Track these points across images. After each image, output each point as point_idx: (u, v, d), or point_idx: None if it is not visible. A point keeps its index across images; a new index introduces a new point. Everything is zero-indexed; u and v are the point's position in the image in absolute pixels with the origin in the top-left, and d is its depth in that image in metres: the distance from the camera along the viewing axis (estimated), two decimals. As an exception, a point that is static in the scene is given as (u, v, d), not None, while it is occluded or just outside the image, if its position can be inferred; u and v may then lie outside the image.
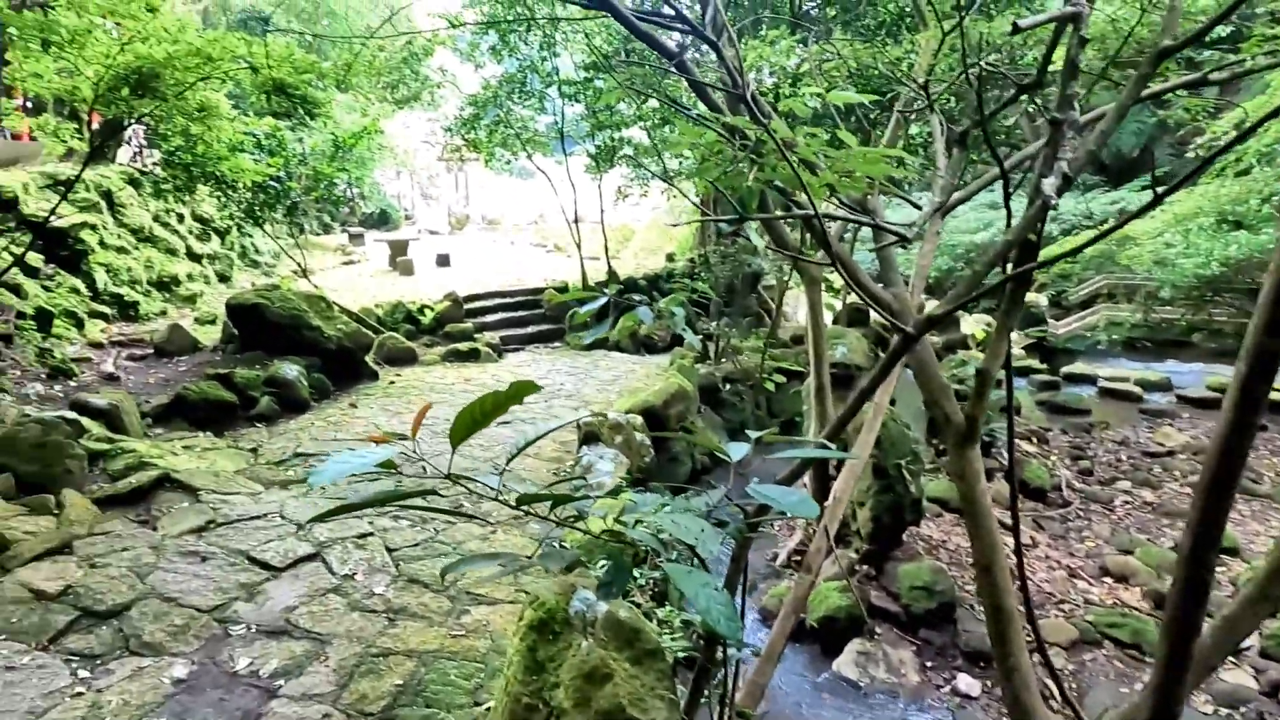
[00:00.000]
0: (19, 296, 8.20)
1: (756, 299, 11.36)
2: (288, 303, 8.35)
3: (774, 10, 8.67)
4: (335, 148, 9.14)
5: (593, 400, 7.66)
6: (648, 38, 2.12)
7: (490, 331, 10.82)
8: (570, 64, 12.21)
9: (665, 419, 6.77)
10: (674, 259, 14.98)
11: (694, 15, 3.75)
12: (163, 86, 6.42)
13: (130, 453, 5.32)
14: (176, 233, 12.63)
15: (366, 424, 6.86)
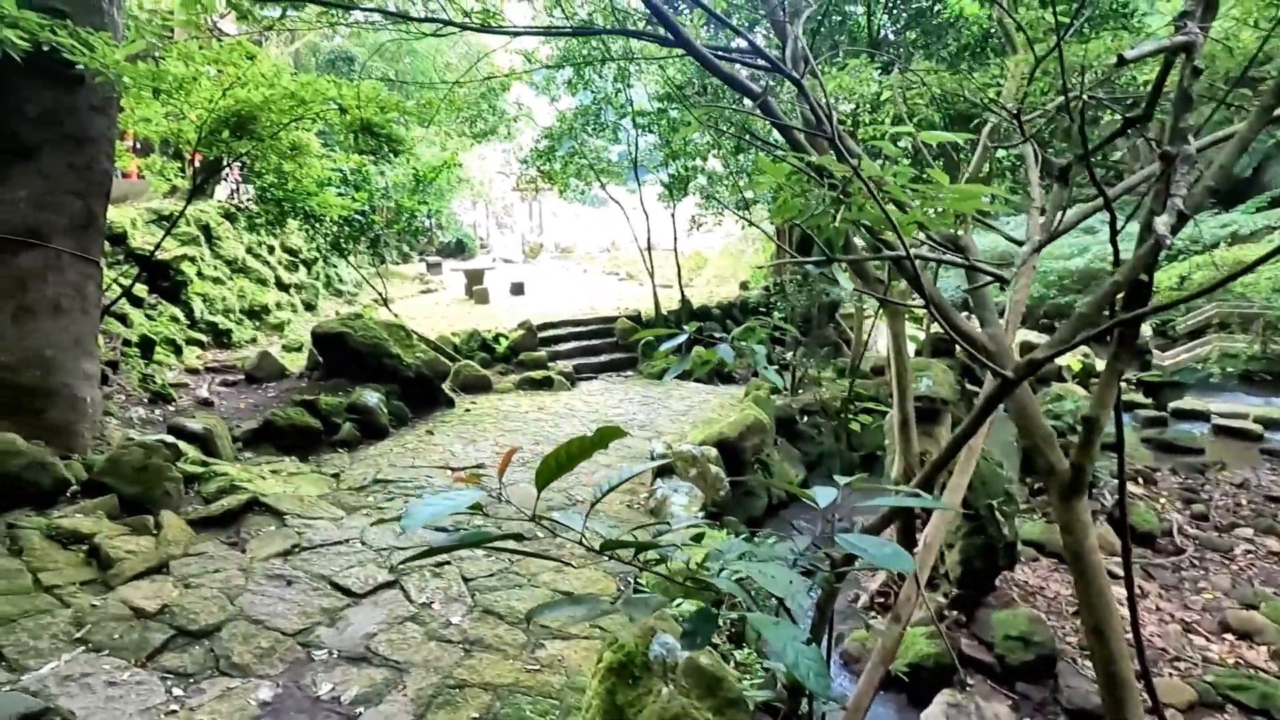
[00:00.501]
0: (125, 325, 8.82)
1: (834, 328, 11.19)
2: (369, 331, 8.71)
3: (851, 37, 8.63)
4: (416, 181, 9.56)
5: (666, 431, 7.67)
6: (730, 80, 2.15)
7: (563, 360, 11.00)
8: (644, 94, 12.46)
9: (741, 452, 6.71)
10: (748, 287, 14.93)
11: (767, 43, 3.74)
12: (259, 128, 6.87)
13: (222, 476, 5.61)
14: (267, 263, 13.39)
15: (443, 451, 7.04)
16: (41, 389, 5.40)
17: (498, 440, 7.40)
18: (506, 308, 14.02)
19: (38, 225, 5.52)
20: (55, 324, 5.56)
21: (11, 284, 5.39)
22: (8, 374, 5.27)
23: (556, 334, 11.75)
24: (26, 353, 5.37)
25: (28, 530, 4.37)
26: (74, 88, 5.69)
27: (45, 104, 5.60)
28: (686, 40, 1.98)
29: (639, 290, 16.17)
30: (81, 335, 5.77)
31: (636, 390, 9.93)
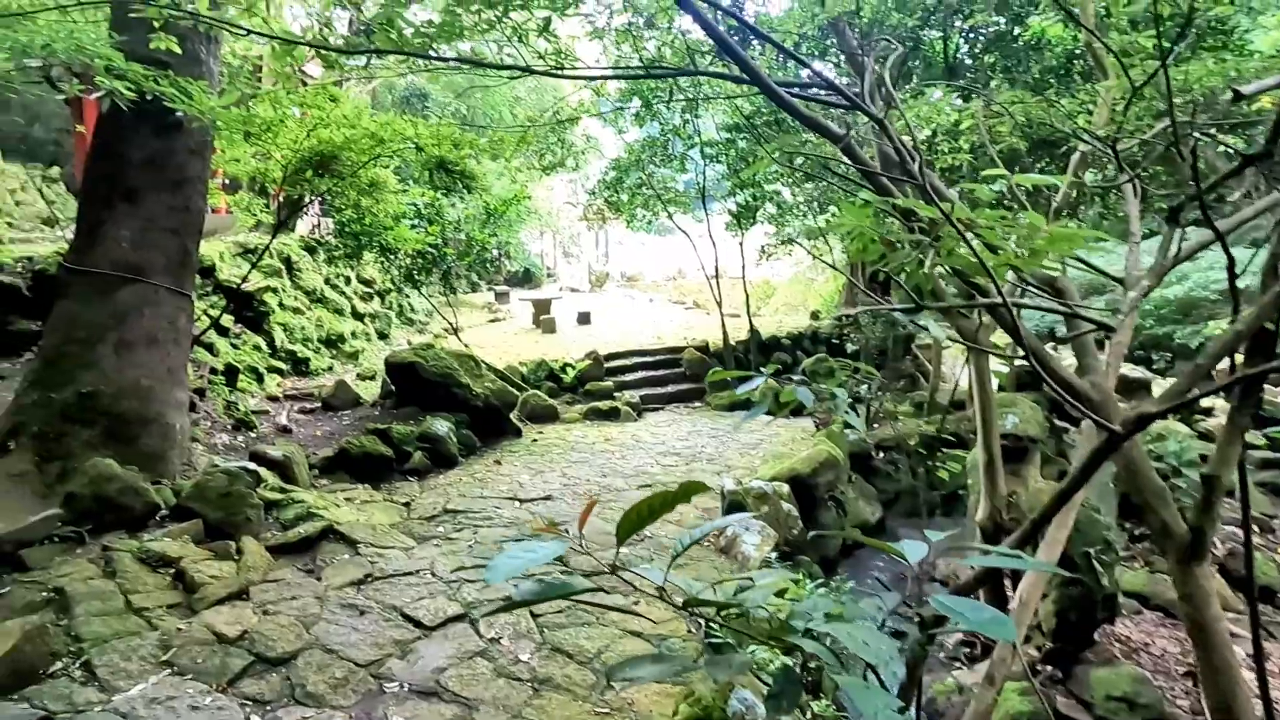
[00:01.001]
0: (212, 354, 9.30)
1: (910, 360, 10.92)
2: (440, 361, 8.94)
3: (926, 62, 8.51)
4: (487, 215, 9.85)
5: (736, 465, 7.58)
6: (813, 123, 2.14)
7: (630, 390, 11.05)
8: (711, 124, 12.56)
9: (814, 489, 6.58)
10: (819, 317, 14.73)
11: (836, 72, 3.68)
12: (340, 166, 7.21)
13: (299, 503, 5.81)
14: (343, 294, 13.95)
15: (511, 482, 7.12)
16: (137, 417, 5.73)
17: (565, 471, 7.45)
18: (573, 337, 14.20)
19: (138, 262, 5.90)
20: (151, 355, 5.91)
21: (113, 318, 5.76)
22: (108, 402, 5.62)
23: (623, 364, 11.83)
24: (125, 382, 5.72)
25: (121, 553, 4.61)
26: (173, 133, 6.10)
27: (148, 149, 6.03)
28: (765, 82, 1.98)
29: (706, 319, 16.16)
30: (174, 365, 6.11)
31: (704, 422, 9.87)
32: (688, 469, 7.50)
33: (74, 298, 5.84)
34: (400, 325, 15.84)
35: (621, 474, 7.31)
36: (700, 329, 14.24)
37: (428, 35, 3.54)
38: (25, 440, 5.49)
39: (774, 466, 6.98)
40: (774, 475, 6.65)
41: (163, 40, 3.64)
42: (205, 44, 6.29)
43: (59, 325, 5.82)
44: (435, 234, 9.08)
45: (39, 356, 5.90)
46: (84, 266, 5.85)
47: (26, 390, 5.68)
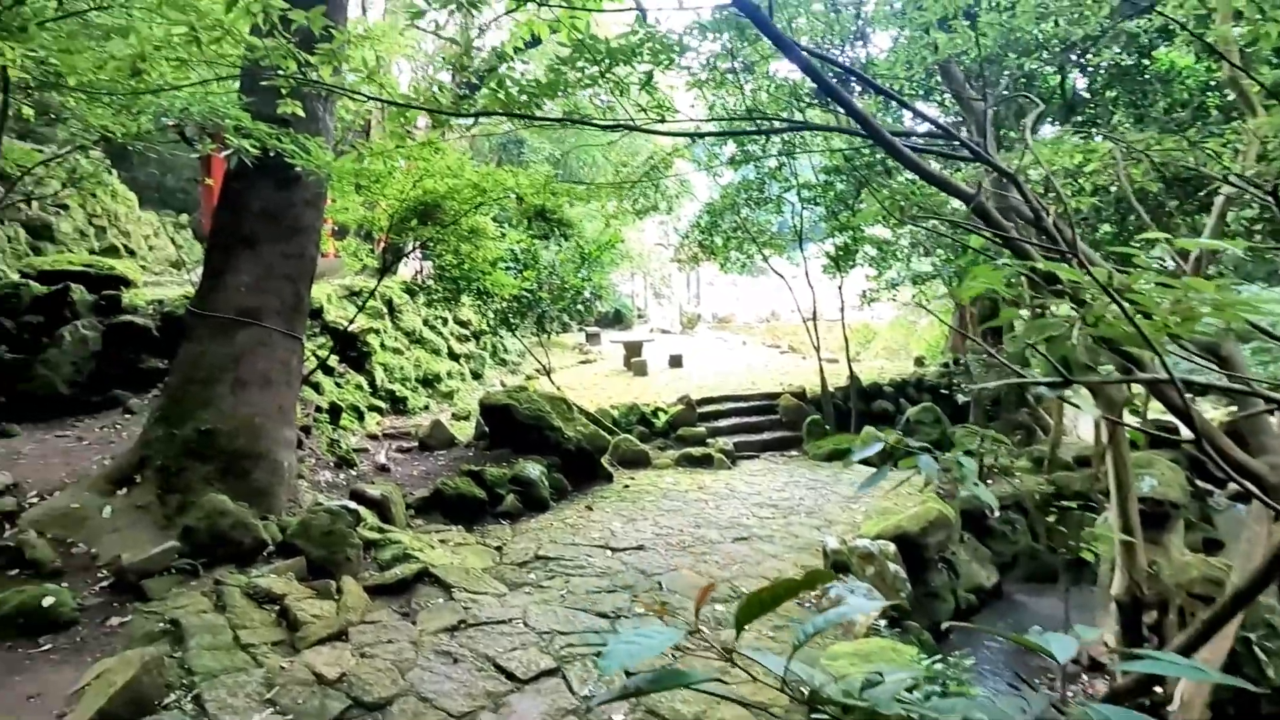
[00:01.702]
0: (318, 392, 9.79)
1: (1026, 410, 10.35)
2: (533, 404, 9.11)
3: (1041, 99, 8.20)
4: (581, 259, 10.07)
5: (836, 520, 7.33)
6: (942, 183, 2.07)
7: (724, 437, 10.92)
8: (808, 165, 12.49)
9: (923, 549, 6.27)
10: (924, 363, 14.24)
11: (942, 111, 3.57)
12: (442, 215, 7.54)
13: (396, 544, 5.98)
14: (440, 335, 14.50)
15: (602, 529, 7.12)
16: (250, 454, 6.07)
17: (657, 520, 7.39)
18: (665, 380, 14.22)
19: (255, 306, 6.31)
20: (264, 395, 6.27)
21: (231, 359, 6.16)
22: (224, 439, 5.98)
23: (717, 409, 11.73)
24: (240, 420, 6.08)
25: (231, 587, 4.84)
26: (291, 186, 6.55)
27: (267, 200, 6.48)
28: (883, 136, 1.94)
29: (802, 364, 15.89)
30: (285, 404, 6.46)
31: (802, 472, 9.63)
32: (785, 522, 7.31)
33: (197, 339, 6.29)
34: (494, 365, 16.30)
35: (716, 525, 7.19)
36: (796, 374, 14.00)
37: (533, 93, 3.68)
38: (150, 473, 5.90)
39: (879, 523, 6.71)
40: (879, 533, 6.39)
41: (289, 105, 3.91)
42: (322, 103, 6.75)
43: (183, 365, 6.27)
44: (531, 278, 9.35)
45: (165, 394, 6.36)
46: (207, 310, 6.31)
47: (153, 425, 6.12)
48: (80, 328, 8.12)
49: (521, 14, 4.45)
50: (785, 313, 30.32)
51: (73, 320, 8.20)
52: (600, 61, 3.72)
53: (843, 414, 11.41)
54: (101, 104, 5.60)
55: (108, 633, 4.47)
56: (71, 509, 5.64)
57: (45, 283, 8.35)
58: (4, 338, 7.83)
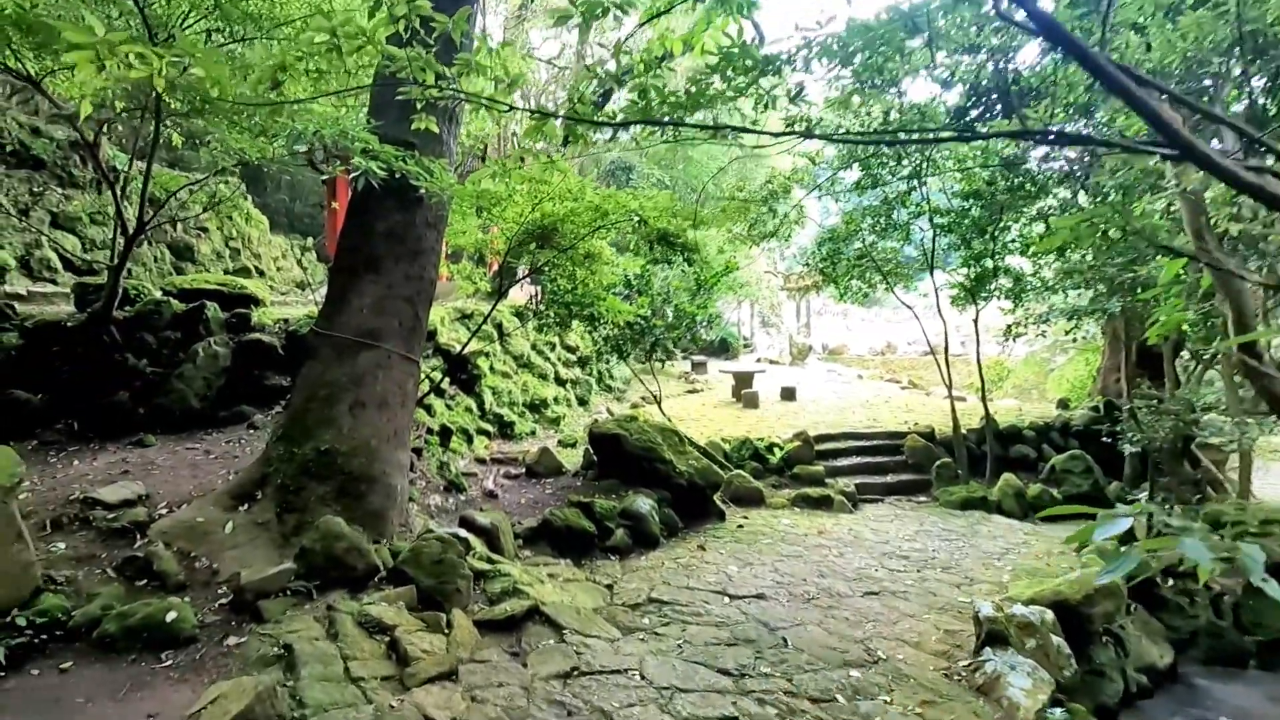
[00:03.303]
0: (429, 414, 9.94)
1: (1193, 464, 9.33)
2: (644, 435, 8.90)
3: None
4: (697, 285, 9.86)
5: (979, 578, 6.72)
6: None
7: (844, 477, 10.39)
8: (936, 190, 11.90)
9: (1086, 620, 5.59)
10: (1069, 405, 13.18)
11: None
12: (559, 238, 7.49)
13: (506, 576, 5.84)
14: (548, 360, 14.60)
15: (717, 572, 6.78)
16: (365, 476, 6.11)
17: (776, 566, 6.99)
18: (777, 414, 13.77)
19: (376, 328, 6.40)
20: (381, 417, 6.32)
21: (351, 380, 6.25)
22: (341, 460, 6.04)
23: (835, 447, 11.20)
24: (357, 442, 6.14)
25: (343, 614, 4.80)
26: (414, 207, 6.65)
27: (390, 222, 6.60)
28: (1200, 151, 1.60)
29: (925, 401, 15.07)
30: (400, 427, 6.50)
31: (933, 520, 8.97)
32: (919, 576, 6.75)
33: (320, 359, 6.42)
34: (600, 392, 16.29)
35: (842, 575, 6.72)
36: (921, 412, 13.26)
37: (676, 104, 3.49)
38: (270, 491, 6.02)
39: (1031, 587, 6.06)
40: (1032, 598, 5.76)
41: (423, 121, 3.88)
42: (447, 125, 6.85)
43: (305, 384, 6.41)
44: (644, 305, 9.21)
45: (287, 412, 6.52)
46: (329, 331, 6.44)
47: (275, 443, 6.27)
48: (213, 344, 8.53)
49: (652, 28, 4.31)
50: (902, 345, 29.20)
51: (206, 337, 8.63)
52: (749, 71, 3.50)
53: (976, 458, 10.65)
54: (241, 126, 5.84)
55: (224, 653, 4.49)
56: (197, 523, 5.81)
57: (183, 300, 8.85)
58: (146, 352, 8.31)
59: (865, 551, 7.62)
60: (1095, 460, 10.26)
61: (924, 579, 6.72)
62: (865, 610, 5.86)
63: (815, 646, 5.14)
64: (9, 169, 12.69)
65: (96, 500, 5.95)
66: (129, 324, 8.30)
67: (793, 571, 6.85)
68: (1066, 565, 7.11)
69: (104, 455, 7.25)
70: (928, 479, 10.45)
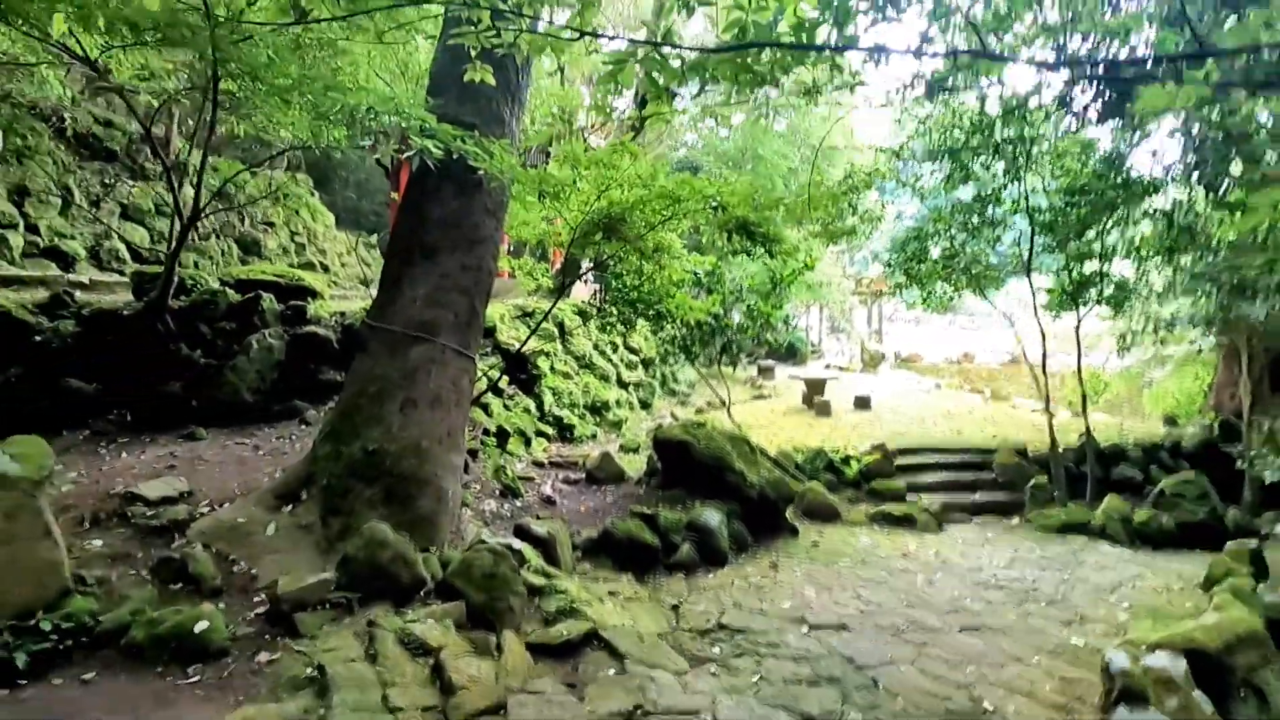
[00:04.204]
0: (486, 414, 9.58)
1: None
2: (712, 443, 8.34)
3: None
4: (772, 283, 9.25)
5: (1090, 616, 5.95)
6: None
7: (926, 494, 9.64)
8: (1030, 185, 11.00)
9: (1226, 671, 4.82)
10: (1177, 422, 12.08)
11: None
12: (626, 229, 7.01)
13: (562, 594, 5.38)
14: (610, 361, 14.16)
15: (793, 595, 6.19)
16: (415, 478, 5.72)
17: (858, 592, 6.36)
18: (851, 424, 13.03)
19: (430, 321, 6.02)
20: (433, 416, 5.93)
21: (403, 376, 5.88)
22: (390, 461, 5.67)
23: (917, 462, 10.43)
24: (407, 442, 5.76)
25: (384, 631, 4.39)
26: (472, 193, 6.25)
27: (447, 209, 6.22)
28: None
29: (1012, 414, 14.09)
30: (454, 428, 6.10)
31: (1028, 546, 8.16)
32: (1021, 611, 6.03)
33: (370, 353, 6.08)
34: (663, 396, 15.78)
35: (932, 606, 6.05)
36: (1009, 426, 12.35)
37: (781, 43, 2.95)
38: (315, 491, 5.69)
39: (1156, 629, 5.29)
40: (1159, 643, 5.00)
41: (478, 71, 3.43)
42: (509, 106, 6.46)
43: (355, 380, 6.07)
44: (715, 303, 8.66)
45: (336, 409, 6.19)
46: (381, 323, 6.09)
47: (322, 441, 5.94)
48: (267, 336, 8.33)
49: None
50: (980, 354, 27.83)
51: (261, 329, 8.44)
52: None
53: (1075, 478, 9.75)
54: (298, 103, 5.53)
55: (255, 670, 4.14)
56: (238, 523, 5.51)
57: (240, 291, 8.69)
58: (200, 343, 8.15)
59: (957, 579, 6.91)
60: (1210, 484, 9.26)
61: (1027, 614, 5.99)
62: (964, 649, 5.19)
63: (911, 691, 4.52)
64: (82, 160, 12.92)
65: (137, 496, 5.71)
66: (184, 314, 8.15)
67: (877, 599, 6.21)
68: (1190, 604, 6.28)
69: (153, 448, 7.07)
70: (1019, 499, 9.61)
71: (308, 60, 6.70)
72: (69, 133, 12.29)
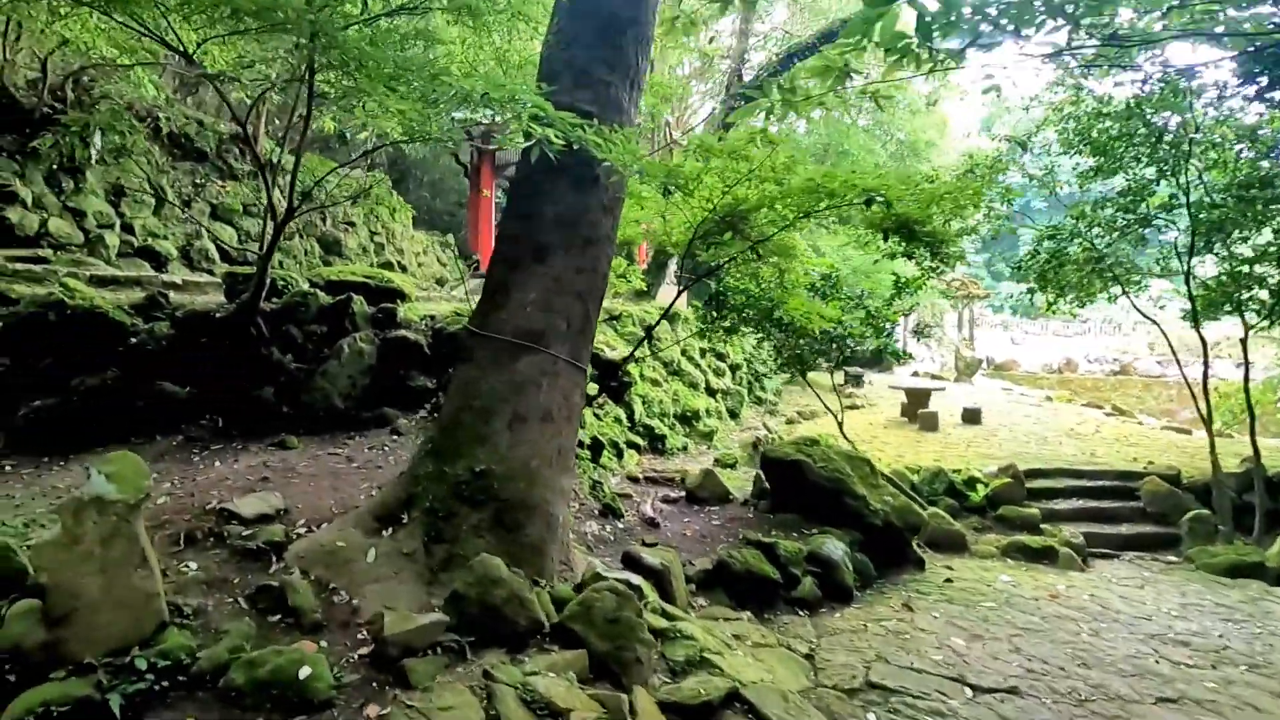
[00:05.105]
0: (580, 426, 9.09)
1: None
2: (830, 463, 7.68)
3: None
4: (897, 289, 8.51)
5: (1311, 687, 5.09)
6: None
7: (1063, 524, 8.73)
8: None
9: None
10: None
11: None
12: (747, 228, 6.40)
13: (689, 640, 4.83)
14: (699, 367, 13.57)
15: (941, 647, 5.50)
16: (522, 503, 5.24)
17: (1014, 643, 5.62)
18: (963, 440, 12.12)
19: (541, 329, 5.52)
20: (543, 433, 5.44)
21: (511, 389, 5.40)
22: (498, 484, 5.19)
23: (1049, 486, 9.50)
24: (515, 462, 5.27)
25: (504, 687, 3.91)
26: (588, 188, 5.74)
27: (561, 206, 5.71)
28: None
29: (1144, 432, 12.90)
30: (564, 447, 5.60)
31: (1195, 589, 7.22)
32: (1220, 678, 5.19)
33: (475, 363, 5.61)
34: (750, 404, 15.10)
35: (1111, 666, 5.27)
36: (1146, 446, 11.26)
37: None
38: (417, 514, 5.25)
39: None
40: None
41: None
42: (628, 91, 5.93)
43: (458, 392, 5.62)
44: (835, 310, 7.97)
45: (437, 423, 5.75)
46: (486, 331, 5.62)
47: (422, 459, 5.51)
48: (358, 340, 8.02)
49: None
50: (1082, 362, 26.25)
51: (351, 332, 8.13)
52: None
53: (1241, 509, 8.71)
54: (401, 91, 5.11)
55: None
56: (337, 547, 5.11)
57: (329, 292, 8.41)
58: (291, 346, 7.89)
59: (1126, 631, 6.09)
60: None
61: (1228, 681, 5.16)
62: (1171, 727, 4.43)
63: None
64: (174, 160, 13.01)
65: (233, 513, 5.39)
66: (275, 316, 7.90)
67: (1041, 654, 5.46)
68: None
69: (245, 456, 6.80)
70: (1173, 534, 8.63)
71: (405, 49, 6.32)
72: (163, 133, 12.36)
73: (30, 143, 9.79)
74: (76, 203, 10.48)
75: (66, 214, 10.31)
